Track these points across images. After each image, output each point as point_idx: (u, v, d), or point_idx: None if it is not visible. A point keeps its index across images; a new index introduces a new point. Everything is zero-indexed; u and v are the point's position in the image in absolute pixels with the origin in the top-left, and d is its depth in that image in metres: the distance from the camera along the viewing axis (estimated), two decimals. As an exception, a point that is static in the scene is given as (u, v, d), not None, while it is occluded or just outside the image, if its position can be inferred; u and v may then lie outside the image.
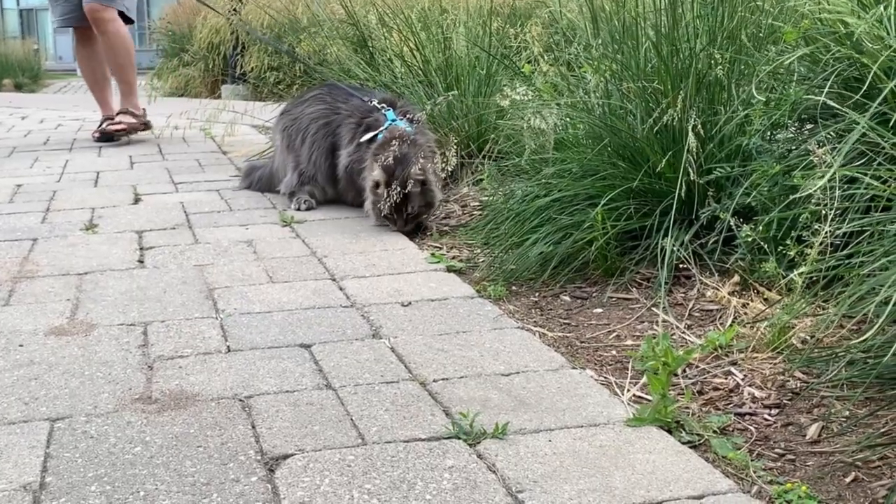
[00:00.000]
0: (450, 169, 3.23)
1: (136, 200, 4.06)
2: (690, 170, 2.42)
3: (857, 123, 2.07)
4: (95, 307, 2.48)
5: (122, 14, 5.76)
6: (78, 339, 2.23)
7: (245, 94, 8.36)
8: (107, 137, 6.02)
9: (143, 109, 6.20)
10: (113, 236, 3.33)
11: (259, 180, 4.26)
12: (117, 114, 6.14)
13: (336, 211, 3.76)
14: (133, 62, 6.00)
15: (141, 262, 2.97)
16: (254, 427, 1.74)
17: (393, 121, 3.48)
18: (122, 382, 1.96)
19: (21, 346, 2.19)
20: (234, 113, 5.50)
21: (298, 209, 3.75)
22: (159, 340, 2.21)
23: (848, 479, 1.58)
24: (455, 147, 3.19)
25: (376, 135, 3.44)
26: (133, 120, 6.06)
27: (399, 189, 3.17)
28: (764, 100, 2.39)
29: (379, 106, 3.58)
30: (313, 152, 3.74)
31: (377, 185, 3.26)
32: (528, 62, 4.14)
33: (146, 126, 6.13)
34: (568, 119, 3.00)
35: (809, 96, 2.27)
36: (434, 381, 1.96)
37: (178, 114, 5.63)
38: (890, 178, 1.87)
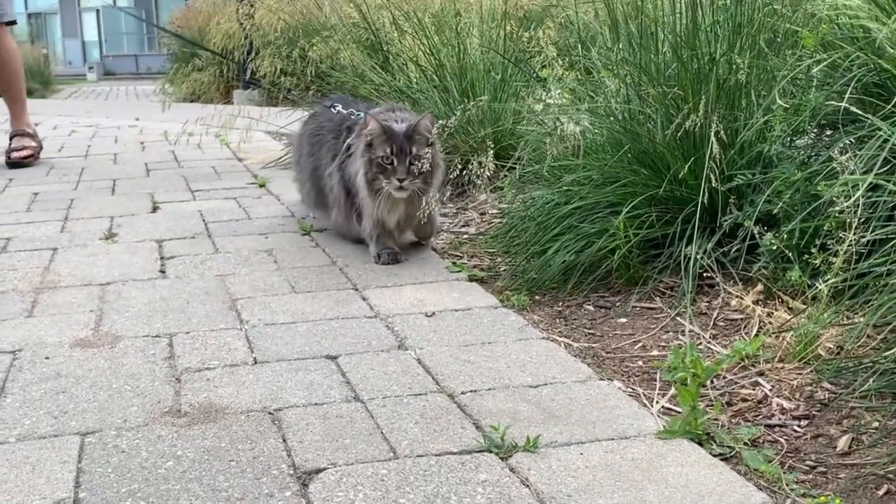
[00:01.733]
0: (488, 174, 2.97)
1: (155, 209, 4.08)
2: (713, 176, 2.42)
3: (880, 129, 2.06)
4: (119, 318, 2.49)
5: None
6: (104, 352, 2.24)
7: (258, 99, 8.39)
8: (17, 164, 5.51)
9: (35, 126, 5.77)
10: (133, 245, 3.35)
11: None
12: (12, 137, 5.68)
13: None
14: (22, 75, 5.65)
15: (162, 272, 2.98)
16: (285, 440, 1.74)
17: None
18: (150, 395, 1.97)
19: (47, 358, 2.20)
20: (250, 119, 5.52)
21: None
22: (185, 352, 2.22)
23: (881, 492, 1.58)
24: (491, 151, 3.01)
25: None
26: (34, 143, 5.66)
27: (406, 128, 2.88)
28: (786, 105, 2.39)
29: (355, 112, 3.27)
30: (303, 173, 3.60)
31: (371, 141, 2.89)
32: (544, 67, 4.14)
33: (40, 147, 5.72)
34: (588, 125, 3.00)
35: (830, 102, 2.26)
36: (462, 393, 1.97)
37: (192, 120, 5.64)
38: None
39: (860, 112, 2.10)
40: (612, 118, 2.92)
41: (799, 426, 1.83)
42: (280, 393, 1.97)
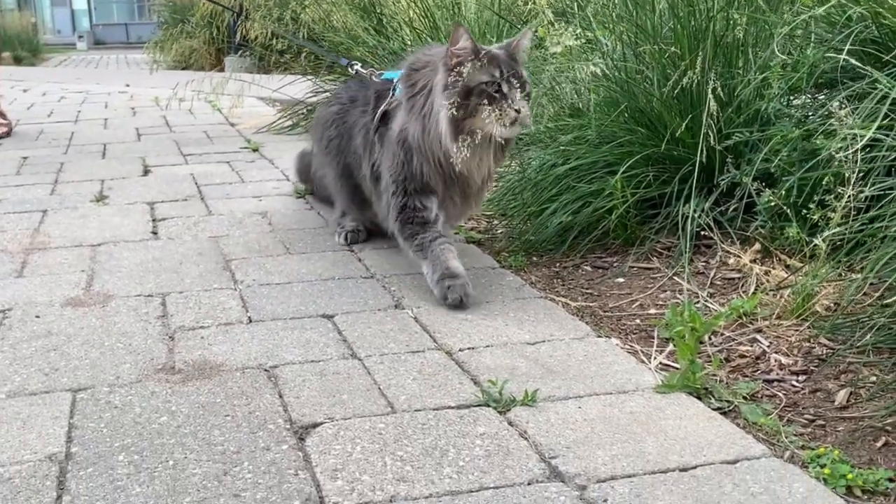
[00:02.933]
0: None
1: (146, 172, 4.04)
2: (711, 134, 2.39)
3: (880, 83, 2.04)
4: (111, 278, 2.47)
5: None
6: (95, 310, 2.21)
7: (250, 65, 8.31)
8: None
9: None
10: (124, 208, 3.32)
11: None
12: None
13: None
14: None
15: (154, 233, 2.96)
16: (281, 396, 1.73)
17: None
18: (143, 353, 1.95)
19: (38, 317, 2.18)
20: (241, 82, 5.47)
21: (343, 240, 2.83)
22: (179, 311, 2.20)
23: (879, 444, 1.58)
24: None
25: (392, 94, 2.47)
26: (4, 121, 5.43)
27: (508, 47, 2.29)
28: (783, 61, 2.36)
29: (366, 73, 2.78)
30: (335, 179, 2.85)
31: (460, 63, 2.18)
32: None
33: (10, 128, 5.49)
34: (598, 70, 2.96)
35: (830, 55, 2.23)
36: (460, 350, 1.95)
37: (181, 84, 5.58)
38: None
39: (859, 65, 2.07)
40: (608, 77, 2.88)
41: (797, 381, 1.82)
42: (276, 350, 1.95)
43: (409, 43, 4.48)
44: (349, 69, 2.86)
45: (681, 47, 2.65)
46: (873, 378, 1.79)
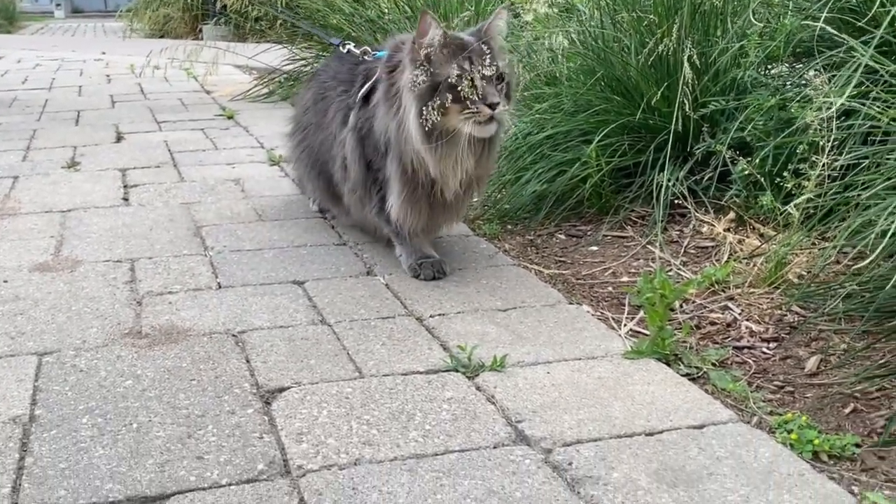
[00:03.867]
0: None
1: (119, 139, 3.99)
2: (686, 103, 2.38)
3: (857, 52, 2.03)
4: (80, 244, 2.43)
5: None
6: (63, 276, 2.18)
7: (227, 33, 8.21)
8: None
9: None
10: (96, 174, 3.27)
11: None
12: None
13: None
14: None
15: (126, 199, 2.92)
16: (248, 361, 1.71)
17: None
18: (110, 317, 1.92)
19: (5, 281, 2.14)
20: (216, 49, 5.40)
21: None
22: (147, 277, 2.17)
23: (847, 410, 1.58)
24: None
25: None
26: None
27: (479, 33, 2.03)
28: (760, 29, 2.34)
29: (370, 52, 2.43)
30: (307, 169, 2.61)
31: (428, 57, 1.96)
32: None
33: None
34: (568, 42, 2.93)
35: (808, 23, 2.22)
36: (431, 316, 1.94)
37: (157, 53, 5.51)
38: (888, 107, 1.84)
39: (836, 33, 2.06)
40: (585, 45, 2.85)
41: (767, 348, 1.82)
42: (244, 316, 1.93)
43: (386, 11, 4.43)
44: (340, 48, 2.53)
45: (658, 15, 2.63)
46: (843, 345, 1.80)
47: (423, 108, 1.94)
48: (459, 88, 1.92)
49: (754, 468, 1.36)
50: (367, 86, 2.20)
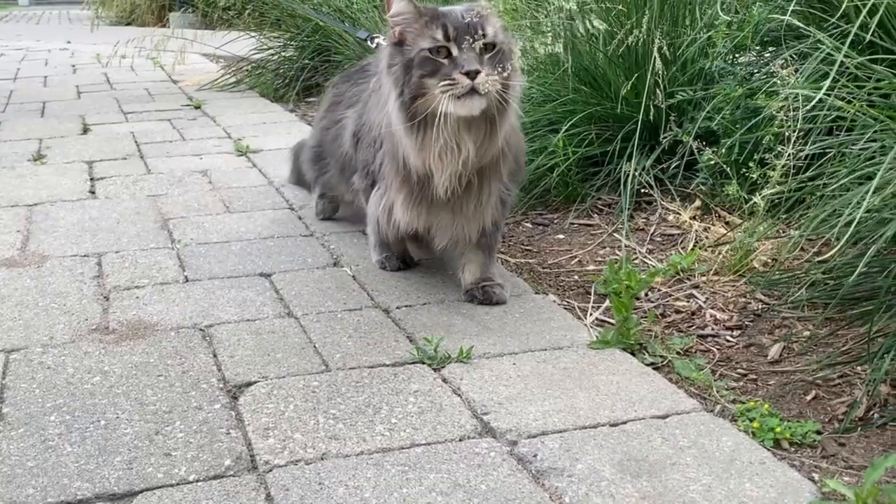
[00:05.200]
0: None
1: (85, 130, 3.94)
2: (659, 91, 2.39)
3: (822, 43, 2.05)
4: (47, 238, 2.41)
5: None
6: (30, 271, 2.16)
7: (195, 21, 8.13)
8: None
9: None
10: (62, 167, 3.23)
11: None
12: None
13: (293, 138, 3.69)
14: None
15: (92, 192, 2.89)
16: (215, 356, 1.71)
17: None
18: (77, 313, 1.91)
19: (-30, 278, 2.12)
20: (184, 40, 5.35)
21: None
22: (114, 271, 2.16)
23: (809, 397, 1.60)
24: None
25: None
26: None
27: (464, 7, 1.78)
28: (722, 19, 2.36)
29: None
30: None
31: (402, 33, 1.78)
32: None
33: None
34: (529, 42, 2.94)
35: (774, 16, 2.24)
36: (397, 308, 1.94)
37: (124, 42, 5.44)
38: (853, 97, 1.86)
39: (802, 25, 2.08)
40: (554, 35, 2.86)
41: (731, 336, 1.84)
42: (211, 310, 1.93)
43: (353, 2, 4.41)
44: (368, 43, 2.41)
45: (626, 6, 2.63)
46: (806, 333, 1.82)
47: (400, 93, 1.74)
48: (434, 60, 1.69)
49: (716, 457, 1.38)
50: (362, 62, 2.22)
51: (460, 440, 1.42)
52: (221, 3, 5.38)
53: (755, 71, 2.43)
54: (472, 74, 1.66)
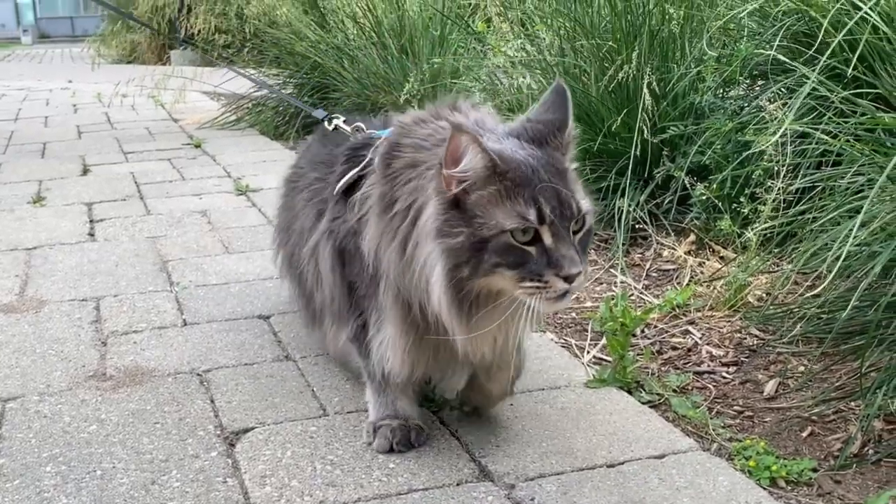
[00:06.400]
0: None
1: (85, 171, 3.97)
2: (645, 128, 2.41)
3: (808, 78, 2.07)
4: (45, 282, 2.42)
5: None
6: (28, 317, 2.18)
7: (195, 59, 8.21)
8: None
9: None
10: (62, 209, 3.26)
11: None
12: None
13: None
14: None
15: (91, 234, 2.91)
16: (212, 401, 1.71)
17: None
18: (75, 360, 1.92)
19: (-30, 325, 2.13)
20: (183, 79, 5.40)
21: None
22: (112, 315, 2.17)
23: (805, 434, 1.61)
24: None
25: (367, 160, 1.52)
26: None
27: (547, 153, 1.34)
28: (715, 55, 2.39)
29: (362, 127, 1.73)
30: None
31: (466, 191, 1.29)
32: (483, 22, 4.10)
33: None
34: (522, 79, 2.97)
35: (760, 51, 2.27)
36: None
37: (125, 81, 5.51)
38: (839, 132, 1.88)
39: (787, 60, 2.11)
40: (545, 72, 2.89)
41: (727, 372, 1.85)
42: (209, 354, 1.94)
43: (351, 38, 4.46)
44: (325, 124, 1.86)
45: (616, 42, 2.67)
46: (801, 368, 1.83)
47: (456, 270, 1.29)
48: (520, 249, 1.27)
49: (713, 497, 1.38)
50: (350, 174, 1.53)
51: (458, 484, 1.43)
52: (220, 41, 5.44)
53: (745, 105, 2.46)
54: (571, 279, 1.28)
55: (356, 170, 1.52)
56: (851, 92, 1.94)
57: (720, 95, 2.57)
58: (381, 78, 4.18)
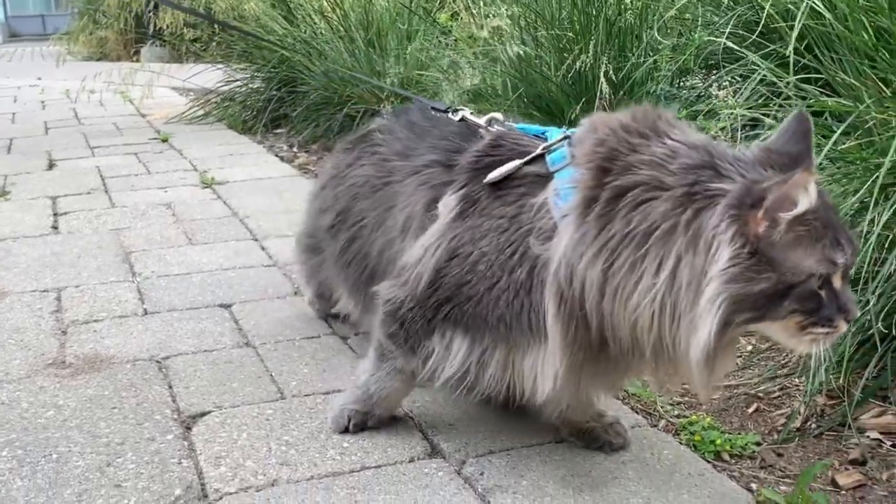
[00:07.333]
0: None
1: (51, 166, 3.96)
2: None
3: (758, 66, 2.12)
4: (7, 274, 2.42)
5: None
6: (-11, 308, 2.18)
7: (165, 55, 8.18)
8: None
9: None
10: (26, 203, 3.25)
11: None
12: None
13: (259, 170, 3.74)
14: None
15: (55, 227, 2.91)
16: (170, 387, 1.73)
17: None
18: (34, 348, 1.93)
19: (-70, 316, 2.14)
20: (151, 73, 5.38)
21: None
22: (73, 305, 2.18)
23: (750, 410, 1.65)
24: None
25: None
26: None
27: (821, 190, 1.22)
28: (670, 44, 2.43)
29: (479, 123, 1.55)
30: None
31: (783, 231, 1.15)
32: (448, 15, 4.12)
33: None
34: (485, 70, 3.01)
35: (713, 39, 2.31)
36: (355, 334, 1.98)
37: (92, 76, 5.48)
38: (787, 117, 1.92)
39: (737, 48, 2.15)
40: (508, 62, 2.92)
41: (679, 353, 1.88)
42: (169, 341, 1.95)
43: (318, 34, 4.47)
44: (449, 115, 1.62)
45: (575, 32, 2.70)
46: (749, 347, 1.87)
47: (737, 315, 1.16)
48: (817, 295, 1.17)
49: (657, 470, 1.42)
50: (510, 166, 1.37)
51: (410, 461, 1.45)
52: (188, 35, 5.43)
53: (700, 94, 2.50)
54: (849, 320, 1.21)
55: (518, 162, 1.37)
56: (799, 78, 1.99)
57: (676, 84, 2.61)
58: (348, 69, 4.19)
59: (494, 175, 1.37)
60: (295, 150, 4.34)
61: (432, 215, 1.44)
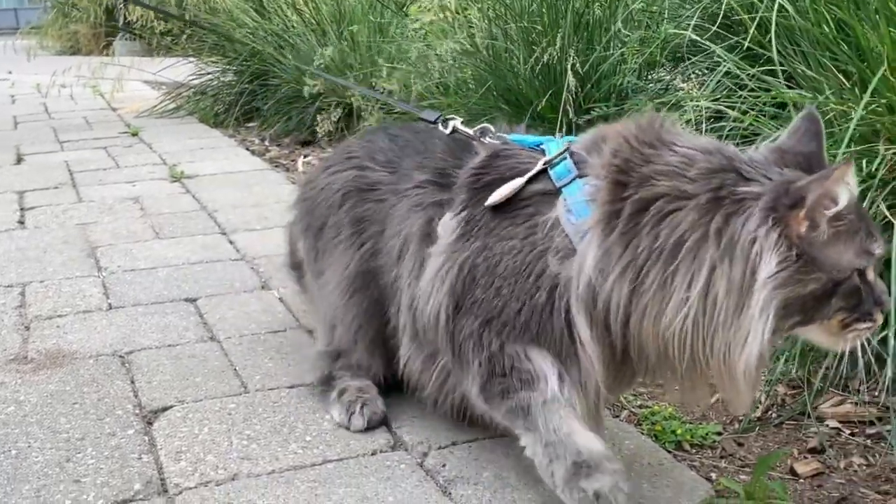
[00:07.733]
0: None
1: (19, 160, 3.92)
2: (570, 109, 2.46)
3: (722, 58, 2.13)
4: (-29, 271, 2.40)
5: None
6: (-48, 304, 2.16)
7: (137, 48, 8.10)
8: None
9: None
10: (-8, 198, 3.22)
11: None
12: None
13: (230, 163, 3.72)
14: None
15: (21, 222, 2.88)
16: (133, 382, 1.72)
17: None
18: (-4, 344, 1.91)
19: None
20: (122, 67, 5.34)
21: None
22: (37, 301, 2.16)
23: (713, 400, 1.66)
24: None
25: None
26: None
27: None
28: (637, 37, 2.44)
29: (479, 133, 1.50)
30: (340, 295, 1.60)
31: (819, 226, 1.13)
32: (418, 8, 4.11)
33: None
34: (454, 62, 3.00)
35: (677, 31, 2.32)
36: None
37: (62, 71, 5.43)
38: (751, 109, 1.94)
39: (701, 41, 2.16)
40: (475, 55, 2.92)
41: (643, 344, 1.89)
42: (132, 336, 1.94)
43: (290, 26, 4.45)
44: (440, 126, 1.56)
45: (543, 25, 2.70)
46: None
47: (785, 320, 1.14)
48: (859, 289, 1.15)
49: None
50: (514, 184, 1.31)
51: (372, 454, 1.46)
52: (159, 28, 5.38)
53: (667, 86, 2.51)
54: (885, 311, 1.20)
55: (521, 180, 1.31)
56: (763, 70, 2.00)
57: (643, 77, 2.62)
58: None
59: (497, 197, 1.31)
60: (266, 143, 4.32)
61: (430, 239, 1.39)
